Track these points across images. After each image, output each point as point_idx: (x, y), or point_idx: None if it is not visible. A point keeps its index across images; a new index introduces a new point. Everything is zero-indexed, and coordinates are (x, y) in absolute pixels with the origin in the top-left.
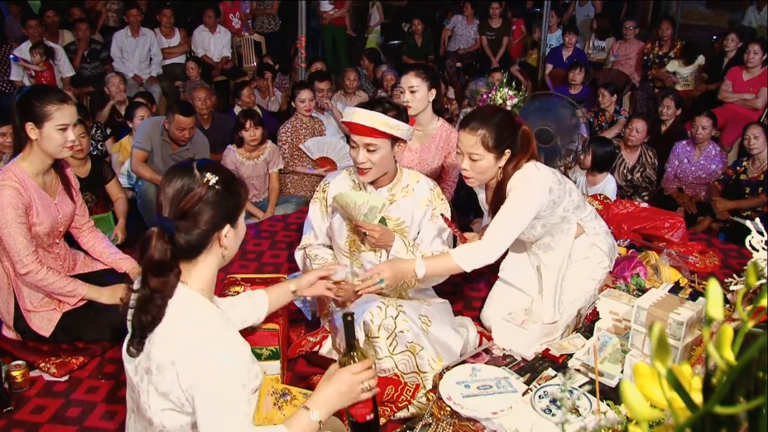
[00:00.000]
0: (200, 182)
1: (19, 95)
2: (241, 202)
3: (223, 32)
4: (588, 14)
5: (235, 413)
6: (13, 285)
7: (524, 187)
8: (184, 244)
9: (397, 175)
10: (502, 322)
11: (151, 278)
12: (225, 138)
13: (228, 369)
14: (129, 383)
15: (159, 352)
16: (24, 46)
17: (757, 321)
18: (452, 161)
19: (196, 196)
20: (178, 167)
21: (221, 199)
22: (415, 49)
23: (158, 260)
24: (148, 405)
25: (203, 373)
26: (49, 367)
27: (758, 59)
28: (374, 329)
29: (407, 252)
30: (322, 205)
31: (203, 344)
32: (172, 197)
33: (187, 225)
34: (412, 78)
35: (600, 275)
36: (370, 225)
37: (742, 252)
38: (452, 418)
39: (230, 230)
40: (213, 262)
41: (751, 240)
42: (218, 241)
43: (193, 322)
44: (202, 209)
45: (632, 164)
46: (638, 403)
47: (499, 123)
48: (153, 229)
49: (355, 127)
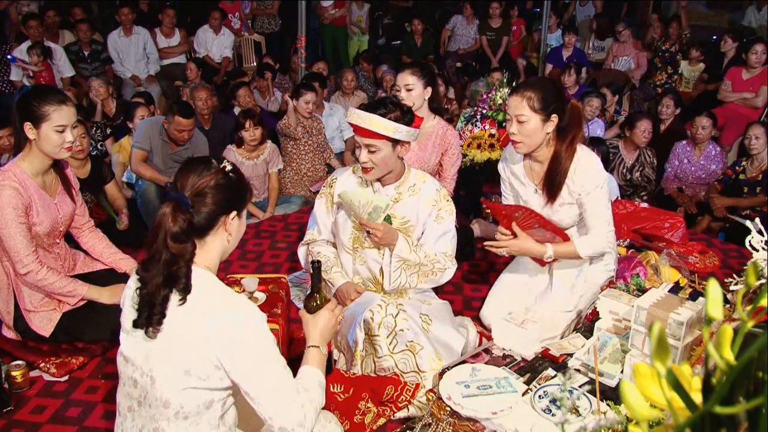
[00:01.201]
0: (217, 167)
1: (20, 95)
2: (248, 195)
3: (227, 34)
4: (588, 14)
5: (280, 366)
6: (13, 285)
7: (594, 168)
8: (195, 220)
9: (405, 174)
10: (501, 322)
11: (172, 244)
12: (225, 138)
13: (262, 329)
14: (128, 380)
15: (184, 329)
16: (24, 46)
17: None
18: (449, 159)
19: (212, 178)
20: (197, 160)
21: (233, 186)
22: (415, 49)
23: (177, 229)
24: (164, 388)
25: (242, 338)
26: (49, 367)
27: (763, 59)
28: (374, 327)
29: (410, 252)
30: (328, 200)
31: (232, 312)
32: (189, 178)
33: (200, 202)
34: (408, 76)
35: (605, 278)
36: (373, 224)
37: (742, 252)
38: (452, 418)
39: (236, 218)
40: (218, 246)
41: (751, 240)
42: (224, 225)
43: (214, 295)
44: (216, 190)
45: (631, 163)
46: (638, 403)
47: (545, 87)
48: (168, 204)
49: (356, 128)
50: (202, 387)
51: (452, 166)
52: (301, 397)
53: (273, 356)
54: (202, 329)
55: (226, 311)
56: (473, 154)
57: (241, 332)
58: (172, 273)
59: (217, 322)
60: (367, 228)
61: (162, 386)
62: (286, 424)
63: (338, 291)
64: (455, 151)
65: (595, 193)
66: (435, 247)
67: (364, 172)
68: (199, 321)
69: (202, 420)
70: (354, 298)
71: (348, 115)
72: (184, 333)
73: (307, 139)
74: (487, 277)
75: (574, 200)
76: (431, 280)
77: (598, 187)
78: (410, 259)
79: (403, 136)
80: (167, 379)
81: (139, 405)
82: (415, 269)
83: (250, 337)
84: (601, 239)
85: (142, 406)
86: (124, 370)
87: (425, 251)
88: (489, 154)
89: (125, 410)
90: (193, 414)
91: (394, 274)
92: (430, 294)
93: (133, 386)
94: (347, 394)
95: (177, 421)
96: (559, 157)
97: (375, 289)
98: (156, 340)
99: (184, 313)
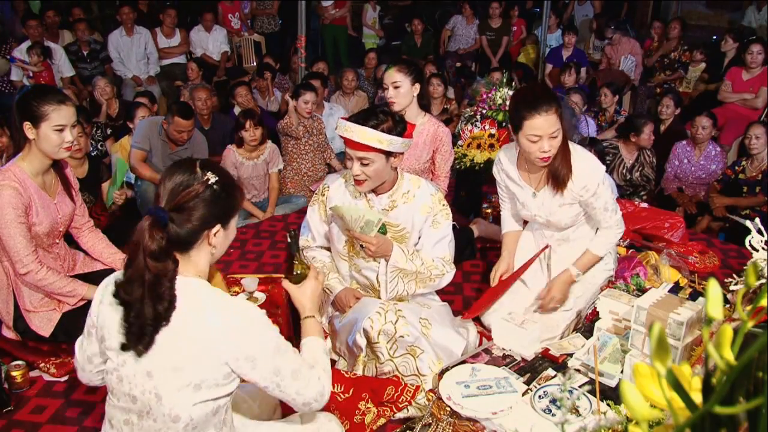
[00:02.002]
0: (200, 180)
1: (19, 95)
2: (236, 205)
3: (219, 30)
4: (587, 14)
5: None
6: (13, 285)
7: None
8: (174, 236)
9: (398, 181)
10: (501, 322)
11: (152, 263)
12: (225, 138)
13: (266, 324)
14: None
15: (188, 343)
16: (24, 46)
17: (756, 321)
18: (442, 156)
19: (193, 191)
20: (182, 163)
21: (217, 199)
22: (415, 49)
23: (155, 247)
24: (173, 404)
25: (251, 341)
26: (49, 367)
27: (760, 59)
28: (374, 335)
29: (406, 261)
30: (320, 208)
31: (235, 317)
32: (171, 190)
33: (180, 218)
34: (395, 73)
35: (603, 277)
36: (366, 237)
37: (742, 252)
38: (452, 418)
39: (221, 231)
40: (203, 258)
41: (751, 240)
42: (207, 239)
43: (212, 299)
44: (197, 205)
45: (631, 164)
46: (638, 403)
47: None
48: (147, 218)
49: (347, 141)
50: (212, 398)
51: (445, 163)
52: (315, 371)
53: (283, 346)
54: (209, 341)
55: (229, 318)
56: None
57: (249, 335)
58: (157, 294)
59: (222, 331)
60: (361, 242)
61: (170, 402)
62: (309, 398)
63: (337, 298)
64: (447, 148)
65: (599, 191)
66: (432, 253)
67: (356, 185)
68: (203, 333)
69: (209, 426)
70: (353, 304)
71: (338, 128)
72: (190, 347)
73: (308, 138)
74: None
75: (576, 201)
76: (429, 286)
77: (601, 183)
78: (406, 268)
79: (396, 148)
80: (176, 396)
81: (140, 418)
82: (412, 277)
83: (258, 337)
84: (612, 231)
85: (144, 419)
86: (117, 387)
87: (422, 258)
88: (489, 154)
89: (120, 423)
90: (201, 423)
91: (390, 284)
92: (429, 296)
93: (131, 402)
94: (347, 395)
95: (186, 430)
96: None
97: (373, 295)
98: (158, 357)
99: (190, 323)
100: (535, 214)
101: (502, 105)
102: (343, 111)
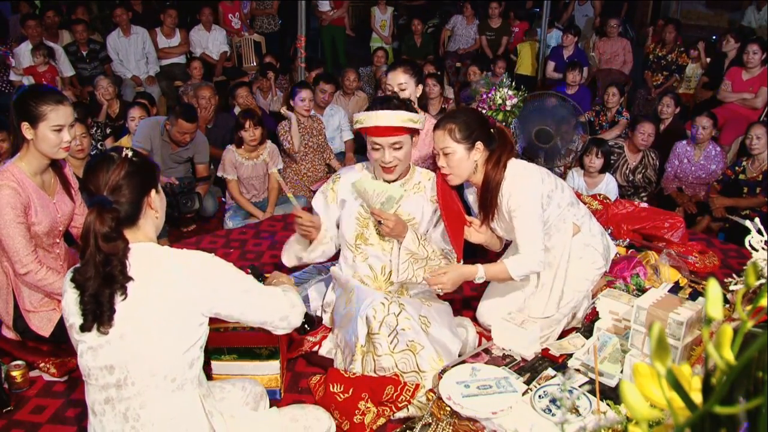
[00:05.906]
0: (120, 159)
1: (17, 95)
2: (156, 167)
3: (218, 30)
4: (587, 14)
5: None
6: (13, 285)
7: (520, 185)
8: (123, 214)
9: (410, 171)
10: (501, 322)
11: (104, 245)
12: (226, 137)
13: (219, 260)
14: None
15: (153, 298)
16: (23, 46)
17: (756, 321)
18: None
19: (119, 170)
20: (98, 159)
21: (141, 168)
22: (415, 49)
23: (107, 229)
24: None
25: (213, 274)
26: (49, 367)
27: (757, 59)
28: (375, 326)
29: (418, 245)
30: (330, 196)
31: (190, 255)
32: (99, 178)
33: (120, 196)
34: (400, 75)
35: (593, 276)
36: (385, 213)
37: (742, 252)
38: (452, 418)
39: (155, 194)
40: (150, 224)
41: (751, 240)
42: (149, 206)
43: (165, 253)
44: (128, 180)
45: (635, 165)
46: (638, 403)
47: (465, 117)
48: (92, 210)
49: (377, 130)
50: (185, 347)
51: None
52: (279, 288)
53: (241, 274)
54: (173, 287)
55: (186, 260)
56: None
57: (211, 269)
58: (107, 273)
59: (184, 273)
60: (379, 218)
61: (145, 356)
62: (282, 306)
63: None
64: None
65: (519, 212)
66: (442, 244)
67: (386, 173)
68: (166, 283)
69: (186, 381)
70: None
71: (359, 121)
72: (157, 301)
73: (308, 139)
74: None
75: (509, 217)
76: None
77: (521, 206)
78: (418, 252)
79: (421, 125)
80: (151, 349)
81: (119, 389)
82: (422, 263)
83: (219, 269)
84: (528, 260)
85: (124, 389)
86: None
87: (433, 247)
88: None
89: (101, 405)
90: (180, 377)
91: (402, 266)
92: (430, 294)
93: (108, 374)
94: (347, 394)
95: (165, 383)
96: (488, 179)
97: (373, 286)
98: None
99: (147, 287)
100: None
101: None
102: (343, 112)
